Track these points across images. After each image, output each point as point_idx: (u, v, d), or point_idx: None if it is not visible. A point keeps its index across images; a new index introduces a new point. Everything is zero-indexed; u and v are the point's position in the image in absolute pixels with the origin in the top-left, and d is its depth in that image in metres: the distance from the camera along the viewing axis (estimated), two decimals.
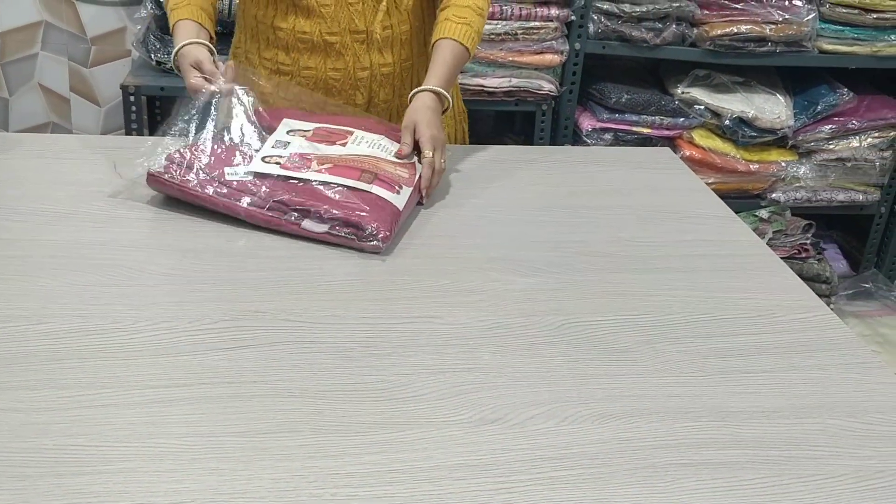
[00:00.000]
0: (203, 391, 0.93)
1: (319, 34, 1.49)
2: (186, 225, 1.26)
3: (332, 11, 1.48)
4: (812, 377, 1.04)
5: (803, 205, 2.53)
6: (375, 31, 1.50)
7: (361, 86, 1.55)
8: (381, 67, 1.54)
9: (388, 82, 1.57)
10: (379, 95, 1.57)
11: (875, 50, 2.39)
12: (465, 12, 1.49)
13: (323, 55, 1.51)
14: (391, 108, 1.60)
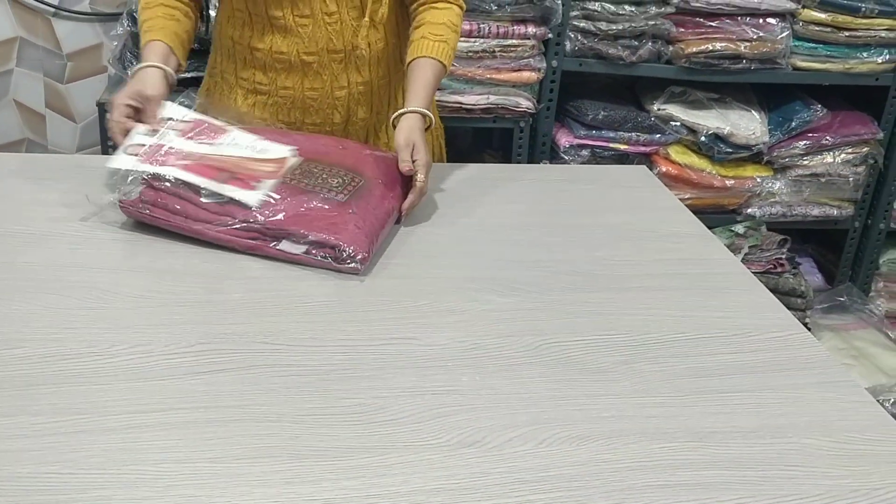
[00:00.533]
0: (179, 416, 0.92)
1: (297, 54, 1.49)
2: (162, 246, 1.25)
3: (310, 31, 1.48)
4: (787, 396, 1.05)
5: (778, 220, 2.56)
6: (353, 50, 1.50)
7: (339, 105, 1.55)
8: (359, 86, 1.55)
9: (366, 100, 1.57)
10: (357, 114, 1.57)
11: (848, 67, 2.42)
12: (441, 29, 1.50)
13: (300, 75, 1.51)
14: (368, 126, 1.60)
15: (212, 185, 1.26)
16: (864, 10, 2.35)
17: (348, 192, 1.30)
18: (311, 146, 1.41)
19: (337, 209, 1.26)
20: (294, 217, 1.24)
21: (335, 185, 1.31)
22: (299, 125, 1.54)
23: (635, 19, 2.27)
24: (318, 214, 1.25)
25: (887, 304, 2.73)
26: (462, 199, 1.50)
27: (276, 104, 1.54)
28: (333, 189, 1.30)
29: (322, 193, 1.29)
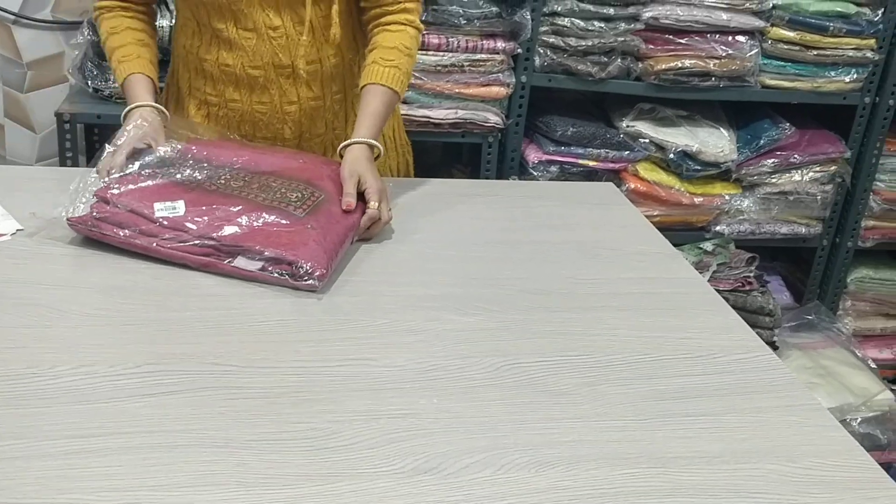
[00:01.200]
0: (122, 441, 0.88)
1: (242, 67, 1.46)
2: (111, 262, 1.21)
3: (254, 45, 1.44)
4: (751, 420, 1.03)
5: (747, 237, 2.55)
6: (299, 66, 1.46)
7: (290, 120, 1.51)
8: (311, 101, 1.51)
9: (320, 116, 1.53)
10: (311, 130, 1.54)
11: (816, 86, 2.43)
12: (393, 54, 1.44)
13: (248, 89, 1.48)
14: (325, 142, 1.56)
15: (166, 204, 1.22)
16: (832, 30, 2.36)
17: (307, 207, 1.27)
18: (268, 159, 1.37)
19: (295, 225, 1.23)
20: (250, 233, 1.20)
21: (294, 199, 1.27)
22: (250, 139, 1.51)
23: (605, 35, 2.26)
24: (276, 230, 1.21)
25: (855, 323, 2.74)
26: (426, 215, 1.47)
27: (226, 116, 1.51)
28: (292, 204, 1.26)
29: (280, 208, 1.25)
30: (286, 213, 1.24)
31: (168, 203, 1.22)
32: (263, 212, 1.23)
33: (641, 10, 2.27)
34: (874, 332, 2.77)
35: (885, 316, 2.78)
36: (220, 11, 1.42)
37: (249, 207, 1.24)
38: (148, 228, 1.20)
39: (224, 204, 1.24)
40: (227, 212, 1.22)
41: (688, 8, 2.29)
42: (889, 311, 2.78)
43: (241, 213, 1.22)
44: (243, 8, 1.41)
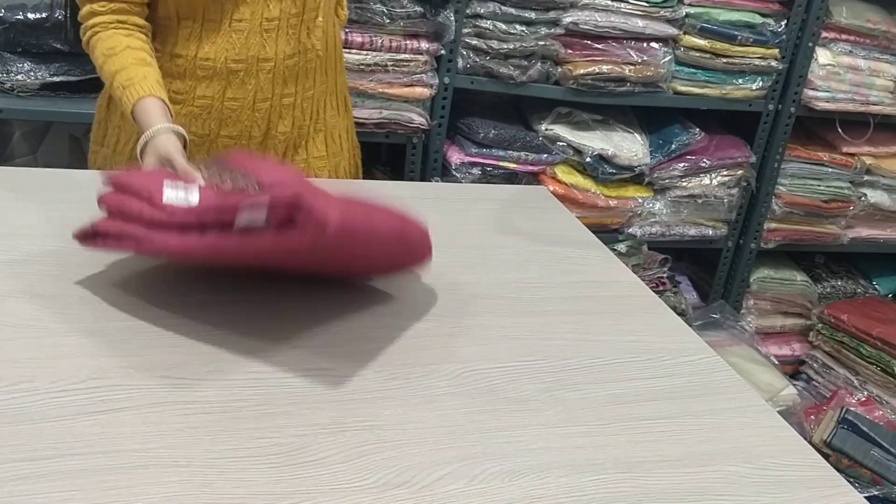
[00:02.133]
0: (72, 463, 0.82)
1: (224, 61, 1.41)
2: (47, 268, 1.13)
3: (244, 37, 1.39)
4: (707, 423, 1.05)
5: (658, 239, 2.62)
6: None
7: (259, 117, 1.47)
8: (283, 98, 1.48)
9: (289, 114, 1.50)
10: (278, 128, 1.50)
11: (724, 93, 2.52)
12: None
13: (223, 83, 1.42)
14: (288, 141, 1.53)
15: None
16: (740, 39, 2.45)
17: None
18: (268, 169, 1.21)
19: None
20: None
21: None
22: (213, 136, 1.45)
23: (526, 39, 2.28)
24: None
25: (757, 321, 2.86)
26: None
27: (190, 114, 1.44)
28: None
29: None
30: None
31: (179, 188, 1.07)
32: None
33: (562, 15, 2.30)
34: (774, 329, 2.91)
35: (783, 314, 2.92)
36: (219, 1, 1.37)
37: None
38: (149, 214, 1.04)
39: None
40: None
41: (606, 14, 2.34)
42: (788, 310, 2.91)
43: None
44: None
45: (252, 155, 1.35)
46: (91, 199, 1.34)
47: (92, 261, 1.16)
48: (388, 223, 1.08)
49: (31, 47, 1.99)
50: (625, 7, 2.35)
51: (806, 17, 2.51)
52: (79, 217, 1.28)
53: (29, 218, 1.27)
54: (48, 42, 1.99)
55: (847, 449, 2.31)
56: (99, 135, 1.53)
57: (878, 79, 2.63)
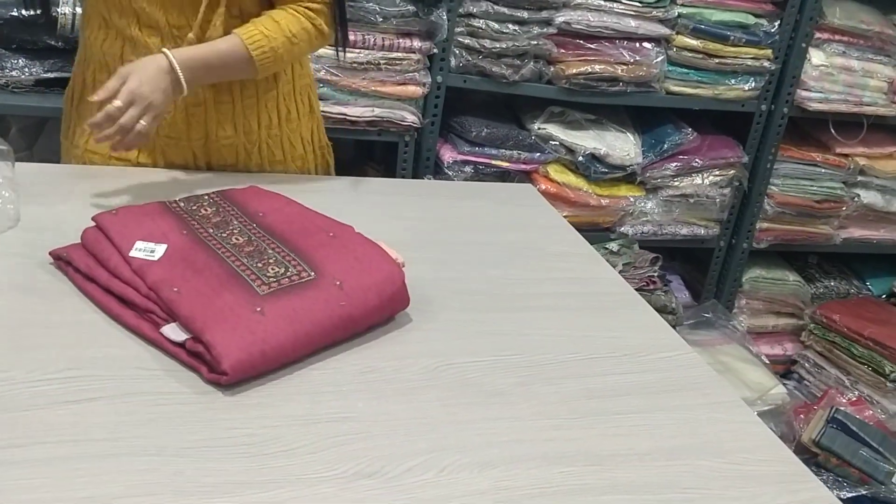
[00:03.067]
0: (46, 451, 0.83)
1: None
2: (22, 261, 1.14)
3: (159, 44, 1.37)
4: (679, 417, 1.06)
5: (650, 238, 2.63)
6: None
7: (195, 122, 1.45)
8: (219, 104, 1.45)
9: (228, 119, 1.47)
10: (217, 132, 1.47)
11: (717, 93, 2.53)
12: (269, 23, 1.38)
13: None
14: (236, 145, 1.50)
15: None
16: (733, 39, 2.46)
17: (276, 286, 1.05)
18: (297, 221, 1.21)
19: (244, 304, 1.01)
20: (194, 299, 1.02)
21: (271, 274, 1.07)
22: (154, 136, 1.41)
23: (518, 38, 2.29)
24: (219, 305, 1.01)
25: (749, 321, 2.86)
26: (351, 214, 1.44)
27: None
28: (264, 278, 1.06)
29: (247, 281, 1.05)
30: (248, 288, 1.04)
31: (150, 245, 1.10)
32: (229, 281, 1.05)
33: (554, 14, 2.31)
34: (766, 329, 2.91)
35: (775, 314, 2.93)
36: (120, 8, 1.36)
37: (218, 273, 1.07)
38: (114, 264, 1.08)
39: (201, 260, 1.08)
40: (194, 271, 1.06)
41: (598, 14, 2.35)
42: (779, 310, 2.92)
43: (206, 276, 1.05)
44: (144, 6, 1.35)
45: (260, 195, 1.29)
46: (68, 193, 1.36)
47: None
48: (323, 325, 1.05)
49: (25, 44, 2.01)
50: (617, 7, 2.36)
51: (799, 17, 2.52)
52: (56, 210, 1.30)
53: None
54: (42, 38, 2.00)
55: (836, 448, 2.31)
56: (66, 130, 1.54)
57: (871, 80, 2.63)
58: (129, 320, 1.03)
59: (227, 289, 1.04)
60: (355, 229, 1.22)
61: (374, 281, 1.11)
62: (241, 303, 1.01)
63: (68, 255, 1.12)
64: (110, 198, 1.35)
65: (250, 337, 0.97)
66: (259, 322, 0.99)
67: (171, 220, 1.17)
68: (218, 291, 1.03)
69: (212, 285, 1.04)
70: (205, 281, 1.05)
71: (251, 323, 0.99)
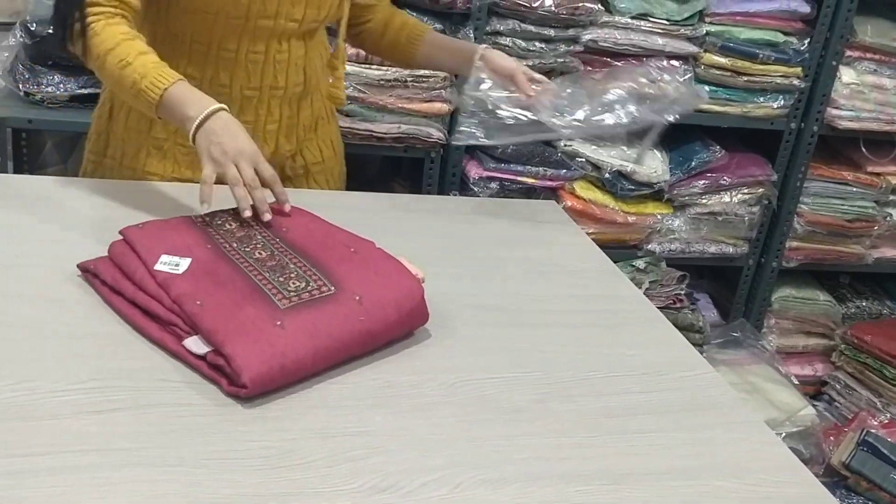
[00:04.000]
0: (68, 460, 0.85)
1: (239, 89, 1.46)
2: (53, 272, 1.17)
3: (260, 67, 1.45)
4: (698, 437, 1.05)
5: (677, 256, 2.62)
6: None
7: (269, 138, 1.53)
8: (287, 119, 1.54)
9: (293, 133, 1.57)
10: (284, 146, 1.56)
11: (745, 111, 2.52)
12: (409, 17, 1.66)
13: (236, 109, 1.44)
14: (291, 153, 1.59)
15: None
16: (762, 57, 2.44)
17: (298, 300, 1.06)
18: (320, 238, 1.23)
19: (265, 318, 1.02)
20: (216, 312, 1.03)
21: (292, 288, 1.09)
22: None
23: (545, 56, 2.30)
24: (241, 318, 1.02)
25: (778, 340, 2.83)
26: (373, 230, 1.45)
27: None
28: (285, 292, 1.08)
29: (269, 295, 1.07)
30: (269, 301, 1.06)
31: (174, 258, 1.12)
32: (251, 295, 1.07)
33: (581, 32, 2.31)
34: (796, 349, 2.88)
35: (806, 334, 2.89)
36: (236, 34, 1.41)
37: (241, 286, 1.08)
38: (140, 277, 1.10)
39: (224, 274, 1.10)
40: (217, 284, 1.08)
41: (625, 32, 2.35)
42: (810, 329, 2.88)
43: (228, 290, 1.07)
44: (265, 34, 1.43)
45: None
46: (100, 207, 1.39)
47: None
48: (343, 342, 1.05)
49: (60, 60, 2.05)
50: (644, 25, 2.36)
51: (829, 35, 2.50)
52: (90, 223, 1.32)
53: (40, 224, 1.31)
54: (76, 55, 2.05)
55: (866, 471, 2.28)
56: (99, 146, 1.55)
57: None
58: (152, 332, 1.05)
59: (249, 302, 1.05)
60: (376, 244, 1.23)
61: (394, 296, 1.12)
62: (263, 316, 1.03)
63: (95, 268, 1.14)
64: (141, 211, 1.38)
65: (270, 350, 0.98)
66: (279, 336, 1.00)
67: (196, 234, 1.19)
68: (240, 305, 1.04)
69: (234, 299, 1.06)
70: (227, 294, 1.06)
71: (272, 336, 1.00)
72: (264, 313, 1.03)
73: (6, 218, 1.31)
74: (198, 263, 1.12)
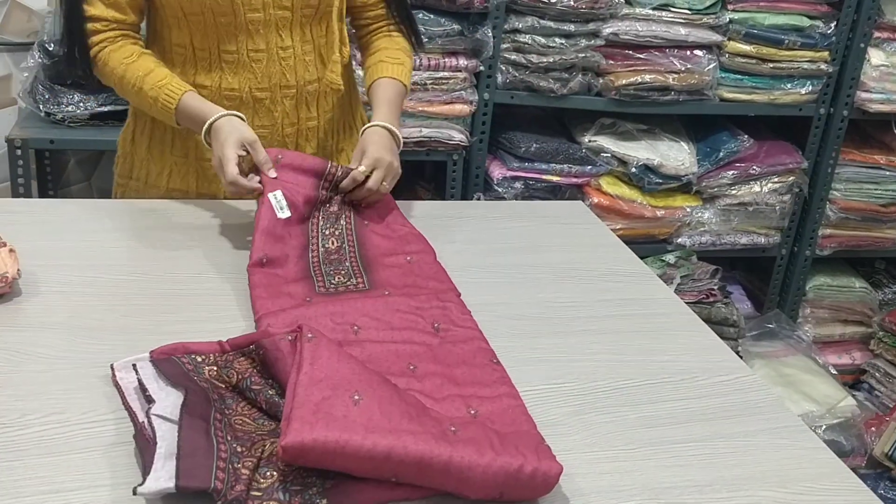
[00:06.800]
0: (102, 495, 0.84)
1: (249, 90, 1.44)
2: (78, 300, 1.16)
3: (264, 66, 1.43)
4: (740, 445, 1.02)
5: (708, 248, 2.58)
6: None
7: (288, 142, 1.51)
8: (308, 121, 1.52)
9: (314, 136, 1.54)
10: (305, 150, 1.53)
11: (772, 98, 2.47)
12: (397, 53, 1.52)
13: (251, 112, 1.45)
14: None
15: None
16: (787, 43, 2.40)
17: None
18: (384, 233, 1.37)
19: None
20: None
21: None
22: None
23: (565, 52, 2.27)
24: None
25: (815, 330, 2.78)
26: None
27: None
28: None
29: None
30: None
31: (283, 204, 1.30)
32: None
33: (601, 26, 2.28)
34: (833, 338, 2.82)
35: (842, 322, 2.84)
36: (232, 33, 1.40)
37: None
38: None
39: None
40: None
41: (647, 23, 2.31)
42: (847, 318, 2.83)
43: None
44: (260, 28, 1.41)
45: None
46: (128, 229, 1.38)
47: (126, 293, 1.19)
48: (416, 450, 0.85)
49: (79, 79, 2.06)
50: (666, 16, 2.32)
51: (856, 17, 2.45)
52: (118, 247, 1.32)
53: (69, 249, 1.31)
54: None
55: None
56: (125, 168, 1.56)
57: None
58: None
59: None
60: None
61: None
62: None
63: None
64: (167, 230, 1.37)
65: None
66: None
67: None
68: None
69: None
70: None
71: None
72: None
73: (33, 244, 1.31)
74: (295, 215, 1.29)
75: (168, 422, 0.86)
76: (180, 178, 1.51)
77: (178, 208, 1.48)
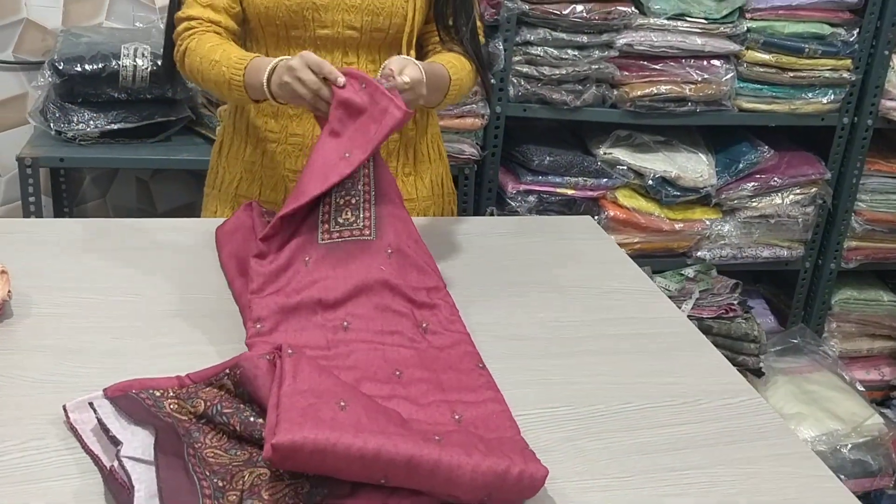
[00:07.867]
0: None
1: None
2: (69, 322, 1.15)
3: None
4: (742, 472, 0.98)
5: (729, 262, 2.52)
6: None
7: None
8: None
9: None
10: None
11: (793, 108, 2.41)
12: (452, 58, 1.47)
13: (312, 122, 1.46)
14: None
15: None
16: (808, 51, 2.34)
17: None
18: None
19: None
20: None
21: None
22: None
23: (578, 63, 2.23)
24: None
25: (841, 345, 2.71)
26: None
27: (284, 152, 1.51)
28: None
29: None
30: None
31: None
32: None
33: (615, 37, 2.24)
34: (860, 353, 2.75)
35: (870, 336, 2.76)
36: (303, 48, 1.41)
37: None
38: None
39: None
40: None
41: (662, 33, 2.27)
42: (874, 332, 2.75)
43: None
44: (329, 46, 1.43)
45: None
46: (125, 249, 1.37)
47: (119, 315, 1.18)
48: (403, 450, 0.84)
49: (89, 97, 2.07)
50: (682, 25, 2.27)
51: (880, 24, 2.38)
52: (114, 267, 1.31)
53: (64, 269, 1.30)
54: (106, 91, 2.06)
55: None
56: (211, 178, 1.61)
57: None
58: None
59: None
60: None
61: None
62: None
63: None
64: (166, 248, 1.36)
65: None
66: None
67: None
68: None
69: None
70: None
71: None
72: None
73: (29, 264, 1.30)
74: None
75: (142, 463, 0.84)
76: (248, 185, 1.55)
77: (176, 228, 1.48)
